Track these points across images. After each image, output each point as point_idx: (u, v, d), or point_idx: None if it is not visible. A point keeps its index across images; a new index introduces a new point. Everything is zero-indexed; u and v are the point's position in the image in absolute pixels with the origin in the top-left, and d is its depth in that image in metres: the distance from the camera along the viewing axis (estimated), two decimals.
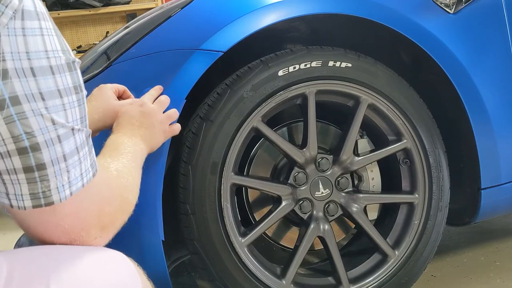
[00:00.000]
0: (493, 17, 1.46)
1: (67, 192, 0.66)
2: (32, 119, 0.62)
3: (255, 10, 1.27)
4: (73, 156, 0.66)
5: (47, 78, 0.63)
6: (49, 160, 0.63)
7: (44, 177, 0.64)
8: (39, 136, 0.62)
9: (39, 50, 0.62)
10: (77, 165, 0.67)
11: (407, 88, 1.42)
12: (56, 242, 0.71)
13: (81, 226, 0.71)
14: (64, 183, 0.65)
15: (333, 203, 1.40)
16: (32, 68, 0.62)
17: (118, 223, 0.79)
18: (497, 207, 1.56)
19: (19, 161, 0.62)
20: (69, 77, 0.66)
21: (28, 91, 0.61)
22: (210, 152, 1.26)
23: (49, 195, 0.65)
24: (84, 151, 0.68)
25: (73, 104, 0.66)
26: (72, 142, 0.66)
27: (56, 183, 0.65)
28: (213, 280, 1.29)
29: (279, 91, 1.30)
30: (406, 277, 1.43)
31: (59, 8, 5.28)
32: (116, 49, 1.32)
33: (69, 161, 0.66)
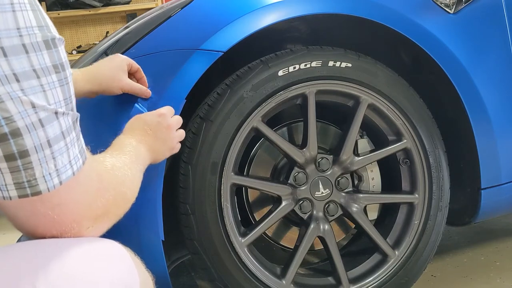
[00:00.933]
0: (493, 17, 1.46)
1: (55, 181, 0.63)
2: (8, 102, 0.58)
3: (255, 10, 1.27)
4: (59, 142, 0.62)
5: (20, 58, 0.59)
6: (32, 146, 0.60)
7: (28, 165, 0.60)
8: (19, 121, 0.58)
9: (9, 27, 0.58)
10: (64, 152, 0.63)
11: (407, 88, 1.42)
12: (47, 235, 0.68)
13: (72, 217, 0.68)
14: (51, 171, 0.62)
15: (333, 203, 1.40)
16: (3, 47, 0.58)
17: (112, 216, 0.76)
18: (497, 207, 1.56)
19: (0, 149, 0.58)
20: (46, 55, 0.62)
21: (1, 73, 0.57)
22: (210, 152, 1.26)
23: (35, 184, 0.61)
24: (71, 137, 0.64)
25: (53, 85, 0.62)
26: (56, 126, 0.62)
27: (42, 171, 0.61)
28: (213, 280, 1.29)
29: (279, 91, 1.30)
30: (406, 277, 1.43)
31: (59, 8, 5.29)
32: (116, 49, 1.32)
33: (55, 147, 0.62)
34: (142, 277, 0.75)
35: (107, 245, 0.73)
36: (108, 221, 0.76)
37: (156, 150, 1.04)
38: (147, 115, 1.09)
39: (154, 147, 1.03)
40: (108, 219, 0.75)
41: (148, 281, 0.77)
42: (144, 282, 0.75)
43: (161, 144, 1.07)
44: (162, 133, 1.07)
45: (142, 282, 0.74)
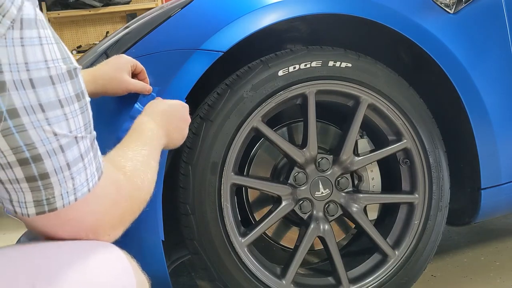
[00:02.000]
0: (493, 17, 1.46)
1: (71, 198, 0.65)
2: (31, 131, 0.60)
3: (255, 10, 1.27)
4: (78, 164, 0.65)
5: (47, 89, 0.61)
6: (52, 169, 0.62)
7: (48, 185, 0.63)
8: (40, 148, 0.61)
9: (38, 60, 0.60)
10: (82, 172, 0.66)
11: (407, 88, 1.42)
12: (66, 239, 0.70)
13: (88, 228, 0.70)
14: (69, 190, 0.65)
15: (333, 203, 1.40)
16: (31, 79, 0.60)
17: (127, 222, 0.78)
18: (497, 207, 1.56)
19: (21, 171, 0.61)
20: (70, 85, 0.64)
21: (27, 103, 0.59)
22: (210, 152, 1.26)
23: (53, 201, 0.64)
24: (89, 157, 0.67)
25: (76, 113, 0.65)
26: (75, 150, 0.65)
27: (61, 190, 0.64)
28: (213, 280, 1.29)
29: (279, 91, 1.31)
30: (406, 277, 1.43)
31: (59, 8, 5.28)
32: (116, 49, 1.32)
33: (73, 168, 0.64)
34: (139, 279, 0.75)
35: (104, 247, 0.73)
36: (123, 227, 0.78)
37: (172, 137, 1.04)
38: (171, 101, 1.09)
39: (171, 133, 1.03)
40: (124, 226, 0.78)
41: (144, 284, 0.77)
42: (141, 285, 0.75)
43: (178, 132, 1.08)
44: (181, 121, 1.09)
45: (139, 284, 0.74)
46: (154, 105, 1.06)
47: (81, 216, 0.68)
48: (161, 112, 1.03)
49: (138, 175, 0.82)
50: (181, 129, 1.09)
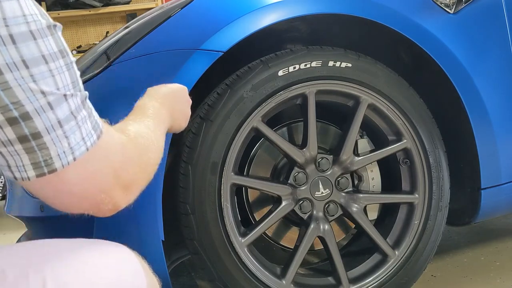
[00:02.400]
0: (493, 17, 1.46)
1: (69, 157, 0.64)
2: (16, 88, 0.59)
3: (255, 10, 1.27)
4: (70, 122, 0.64)
5: (29, 44, 0.60)
6: (43, 127, 0.61)
7: (42, 145, 0.62)
8: (28, 105, 0.60)
9: (16, 15, 0.59)
10: (76, 130, 0.64)
11: (407, 88, 1.42)
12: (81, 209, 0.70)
13: (98, 190, 0.69)
14: (65, 149, 0.63)
15: (333, 203, 1.40)
16: (11, 35, 0.58)
17: (141, 181, 0.78)
18: (497, 207, 1.56)
19: (12, 131, 0.60)
20: (52, 41, 0.63)
21: (9, 60, 0.58)
22: (210, 152, 1.26)
23: (51, 162, 0.63)
24: (81, 115, 0.65)
25: (61, 69, 0.63)
26: (65, 107, 0.63)
27: (57, 150, 0.63)
28: (213, 280, 1.29)
29: (279, 91, 1.31)
30: (406, 277, 1.43)
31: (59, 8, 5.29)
32: (116, 49, 1.32)
33: (66, 127, 0.63)
34: (149, 281, 0.75)
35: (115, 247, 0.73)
36: (139, 187, 0.77)
37: (175, 117, 1.03)
38: (170, 84, 1.08)
39: (174, 113, 1.02)
40: (138, 185, 0.77)
41: (155, 286, 0.77)
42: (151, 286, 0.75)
43: (181, 113, 1.07)
44: (183, 103, 1.08)
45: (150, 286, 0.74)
46: (155, 89, 1.04)
47: (85, 178, 0.67)
48: (162, 95, 1.02)
49: (143, 137, 0.81)
50: (184, 110, 1.09)
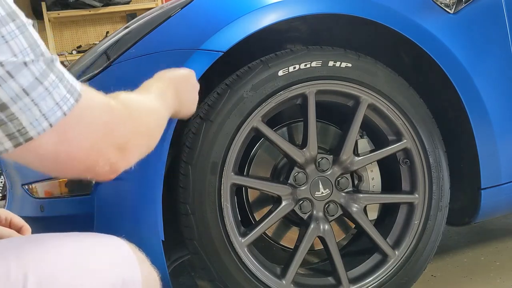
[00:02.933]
0: (493, 17, 1.46)
1: (44, 124, 0.62)
2: None
3: (255, 10, 1.27)
4: (36, 88, 0.61)
5: None
6: (8, 98, 0.59)
7: (12, 116, 0.60)
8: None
9: None
10: (46, 96, 0.62)
11: (407, 88, 1.42)
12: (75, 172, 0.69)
13: (88, 151, 0.68)
14: (37, 117, 0.62)
15: (333, 203, 1.40)
16: None
17: (136, 144, 0.75)
18: (497, 207, 1.56)
19: None
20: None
21: None
22: (210, 152, 1.26)
23: (25, 132, 0.61)
24: (49, 80, 0.63)
25: (14, 34, 0.60)
26: (27, 74, 0.61)
27: (28, 118, 0.61)
28: (213, 280, 1.29)
29: (279, 91, 1.30)
30: (406, 277, 1.43)
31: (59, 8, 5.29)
32: (116, 49, 1.32)
33: (33, 94, 0.61)
34: (146, 272, 0.74)
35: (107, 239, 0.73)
36: (137, 149, 0.76)
37: (183, 100, 1.02)
38: (178, 69, 1.07)
39: (181, 96, 1.01)
40: (136, 146, 0.75)
41: (152, 276, 0.76)
42: (148, 278, 0.74)
43: (188, 95, 1.06)
44: (191, 87, 1.07)
45: (145, 277, 0.73)
46: (162, 72, 1.03)
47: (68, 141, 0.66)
48: (168, 77, 1.00)
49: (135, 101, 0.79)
50: (192, 94, 1.08)
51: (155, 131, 0.83)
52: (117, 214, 1.23)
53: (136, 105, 0.79)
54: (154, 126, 0.83)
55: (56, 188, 1.32)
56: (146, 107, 0.82)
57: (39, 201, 1.36)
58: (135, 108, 0.78)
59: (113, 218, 1.24)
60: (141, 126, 0.78)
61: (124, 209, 1.22)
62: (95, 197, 1.23)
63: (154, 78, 1.00)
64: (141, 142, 0.78)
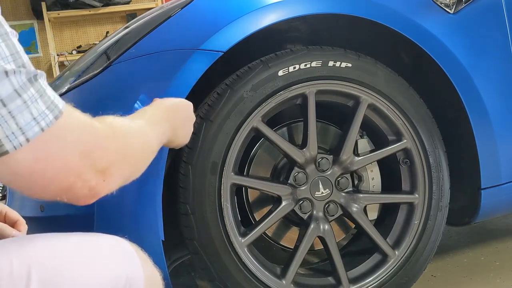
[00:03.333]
0: (493, 17, 1.46)
1: (21, 138, 0.61)
2: None
3: (255, 10, 1.27)
4: (14, 100, 0.60)
5: None
6: None
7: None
8: None
9: None
10: (24, 110, 0.61)
11: (407, 88, 1.42)
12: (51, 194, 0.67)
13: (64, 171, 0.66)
14: (13, 130, 0.60)
15: (333, 203, 1.40)
16: None
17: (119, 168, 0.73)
18: (497, 207, 1.56)
19: None
20: None
21: None
22: (210, 152, 1.26)
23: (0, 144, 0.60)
24: (29, 94, 0.62)
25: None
26: (7, 84, 0.60)
27: (4, 131, 0.60)
28: (213, 280, 1.29)
29: (279, 91, 1.31)
30: (406, 277, 1.43)
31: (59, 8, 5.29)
32: (116, 49, 1.32)
33: (10, 106, 0.60)
34: (148, 271, 0.74)
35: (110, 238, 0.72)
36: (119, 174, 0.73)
37: (177, 133, 1.01)
38: (176, 99, 1.07)
39: (176, 129, 1.00)
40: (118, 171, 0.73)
41: (154, 276, 0.76)
42: (150, 277, 0.74)
43: (183, 129, 1.05)
44: (186, 118, 1.06)
45: (148, 277, 0.73)
46: (159, 101, 1.03)
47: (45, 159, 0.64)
48: (165, 106, 1.00)
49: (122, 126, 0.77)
50: (186, 125, 1.07)
51: (141, 157, 0.81)
52: (117, 214, 1.23)
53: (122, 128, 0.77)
54: (140, 151, 0.80)
55: None
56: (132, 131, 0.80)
57: (39, 201, 1.36)
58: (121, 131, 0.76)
59: (113, 218, 1.24)
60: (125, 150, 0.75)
61: (124, 209, 1.22)
62: None
63: (151, 105, 0.99)
64: (125, 166, 0.75)
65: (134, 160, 0.78)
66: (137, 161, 0.80)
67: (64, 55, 5.30)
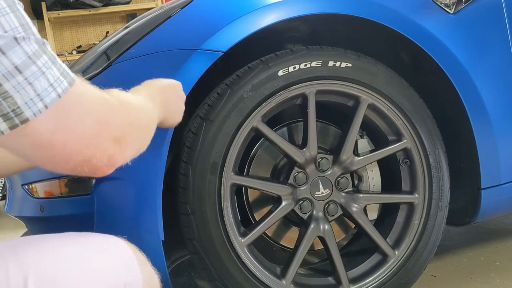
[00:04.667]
0: (493, 17, 1.46)
1: (39, 105, 0.61)
2: None
3: (255, 10, 1.27)
4: (30, 67, 0.60)
5: None
6: (0, 75, 0.58)
7: (5, 94, 0.59)
8: None
9: None
10: (39, 76, 0.61)
11: (407, 88, 1.42)
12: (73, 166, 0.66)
13: (84, 141, 0.66)
14: (31, 96, 0.60)
15: (333, 203, 1.40)
16: None
17: (132, 137, 0.74)
18: (497, 207, 1.56)
19: None
20: None
21: None
22: (210, 152, 1.26)
23: (20, 112, 0.60)
24: (42, 60, 0.62)
25: (5, 11, 0.60)
26: (20, 52, 0.60)
27: (22, 98, 0.59)
28: (213, 280, 1.29)
29: (279, 91, 1.31)
30: (406, 277, 1.43)
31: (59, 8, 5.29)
32: (116, 49, 1.32)
33: (26, 72, 0.60)
34: (147, 273, 0.74)
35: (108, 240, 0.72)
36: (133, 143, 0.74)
37: (169, 109, 1.01)
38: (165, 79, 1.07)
39: (167, 105, 1.00)
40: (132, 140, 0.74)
41: (152, 278, 0.76)
42: (148, 279, 0.74)
43: (174, 105, 1.05)
44: (177, 97, 1.07)
45: (146, 278, 0.73)
46: (150, 81, 1.03)
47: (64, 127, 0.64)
48: (156, 86, 1.00)
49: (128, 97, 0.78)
50: (178, 104, 1.07)
51: (147, 128, 0.82)
52: (117, 214, 1.23)
53: (129, 101, 0.78)
54: (146, 123, 0.82)
55: (56, 188, 1.32)
56: (138, 104, 0.81)
57: (39, 201, 1.36)
58: (129, 103, 0.77)
59: (113, 218, 1.24)
60: (135, 121, 0.76)
61: (124, 209, 1.23)
62: (95, 197, 1.24)
63: (142, 85, 0.99)
64: (136, 136, 0.76)
65: (142, 132, 0.79)
66: (145, 134, 0.81)
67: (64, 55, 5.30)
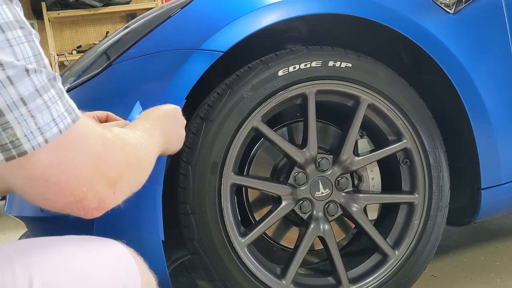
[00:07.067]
0: (493, 17, 1.47)
1: (39, 139, 0.60)
2: None
3: (255, 10, 1.27)
4: (35, 100, 0.59)
5: None
6: (4, 104, 0.57)
7: (6, 125, 0.58)
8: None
9: None
10: (43, 109, 0.60)
11: (407, 88, 1.42)
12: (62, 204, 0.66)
13: (78, 181, 0.65)
14: (32, 130, 0.59)
15: (333, 203, 1.40)
16: None
17: (127, 179, 0.73)
18: (497, 207, 1.56)
19: None
20: (7, 9, 0.59)
21: None
22: (210, 152, 1.26)
23: (18, 144, 0.59)
24: (49, 94, 0.61)
25: (20, 40, 0.60)
26: (28, 83, 0.59)
27: (23, 130, 0.59)
28: (213, 280, 1.29)
29: (279, 91, 1.31)
30: (406, 277, 1.43)
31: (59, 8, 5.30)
32: (116, 49, 1.32)
33: (31, 104, 0.59)
34: (145, 278, 0.74)
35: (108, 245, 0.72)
36: (127, 186, 0.73)
37: (169, 137, 1.01)
38: (164, 106, 1.07)
39: (167, 134, 1.00)
40: (127, 183, 0.73)
41: (151, 282, 0.77)
42: (147, 284, 0.74)
43: (174, 133, 1.05)
44: (176, 123, 1.06)
45: (145, 283, 0.73)
46: (148, 112, 1.03)
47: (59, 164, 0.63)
48: (154, 117, 1.00)
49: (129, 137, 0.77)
50: (178, 130, 1.08)
51: (146, 168, 0.81)
52: (117, 214, 1.22)
53: (130, 140, 0.77)
54: (144, 161, 0.81)
55: None
56: (138, 143, 0.80)
57: None
58: (129, 142, 0.77)
59: (113, 218, 1.23)
60: (133, 162, 0.75)
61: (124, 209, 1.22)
62: None
63: (140, 118, 0.99)
64: (132, 177, 0.75)
65: (140, 172, 0.79)
66: (143, 173, 0.80)
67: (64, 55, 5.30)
